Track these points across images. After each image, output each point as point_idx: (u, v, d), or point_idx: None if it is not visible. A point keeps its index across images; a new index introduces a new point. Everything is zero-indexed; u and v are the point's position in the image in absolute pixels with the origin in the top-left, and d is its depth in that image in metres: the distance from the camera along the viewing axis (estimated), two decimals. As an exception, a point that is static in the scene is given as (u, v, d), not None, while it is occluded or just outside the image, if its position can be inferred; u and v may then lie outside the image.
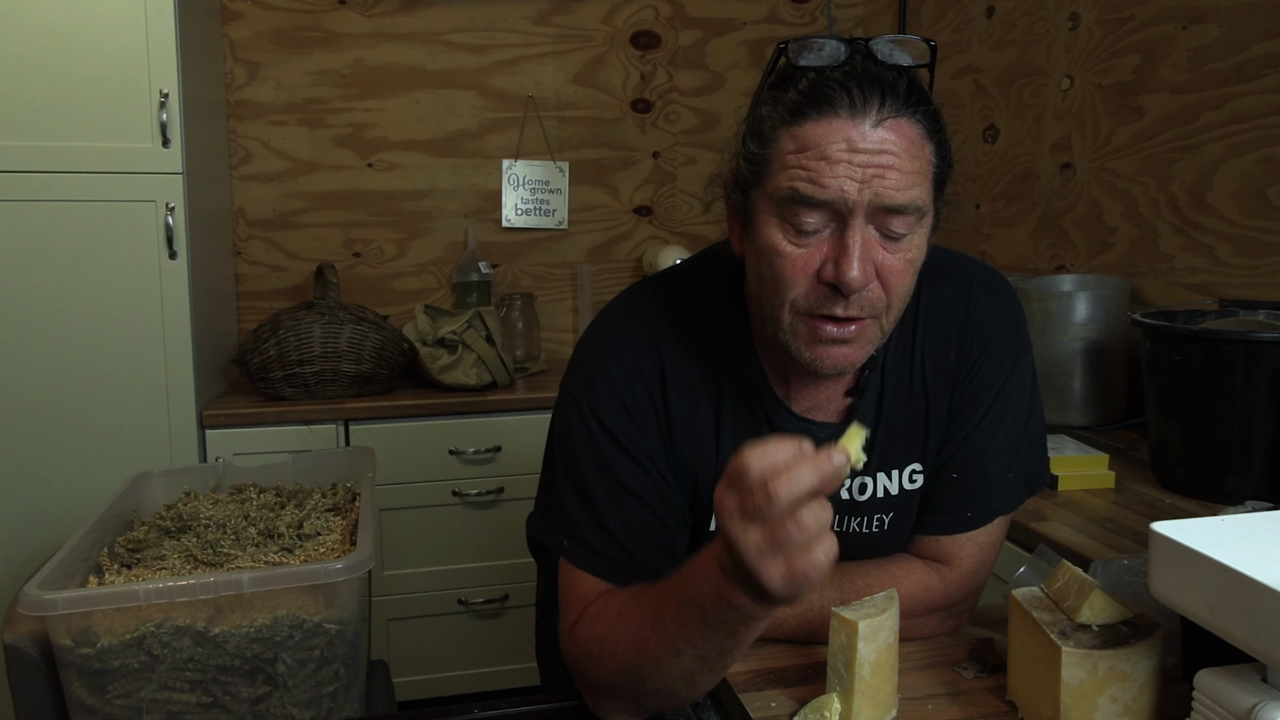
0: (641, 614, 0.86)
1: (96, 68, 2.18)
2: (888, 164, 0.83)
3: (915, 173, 0.85)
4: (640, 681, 0.87)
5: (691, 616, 0.80)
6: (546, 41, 2.99)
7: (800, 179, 0.84)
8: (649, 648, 0.84)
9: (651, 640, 0.84)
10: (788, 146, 0.86)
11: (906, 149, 0.84)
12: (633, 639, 0.86)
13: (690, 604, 0.80)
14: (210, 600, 1.23)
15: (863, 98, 0.83)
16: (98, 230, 2.22)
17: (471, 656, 2.58)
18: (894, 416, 1.03)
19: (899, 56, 0.86)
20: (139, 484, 1.62)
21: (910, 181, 0.85)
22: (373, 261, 2.96)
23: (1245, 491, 1.49)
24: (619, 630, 0.88)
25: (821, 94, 0.84)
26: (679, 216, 3.16)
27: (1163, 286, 2.03)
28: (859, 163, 0.83)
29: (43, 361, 2.22)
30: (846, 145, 0.83)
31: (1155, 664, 0.83)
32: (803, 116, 0.85)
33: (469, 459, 2.50)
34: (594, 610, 0.94)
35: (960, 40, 2.72)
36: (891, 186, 0.84)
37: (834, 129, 0.84)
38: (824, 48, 0.86)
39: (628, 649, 0.87)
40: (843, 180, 0.83)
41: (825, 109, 0.84)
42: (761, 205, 0.89)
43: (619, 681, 0.90)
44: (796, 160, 0.85)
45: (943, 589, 1.05)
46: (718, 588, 0.76)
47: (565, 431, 1.01)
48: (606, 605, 0.93)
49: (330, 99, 2.87)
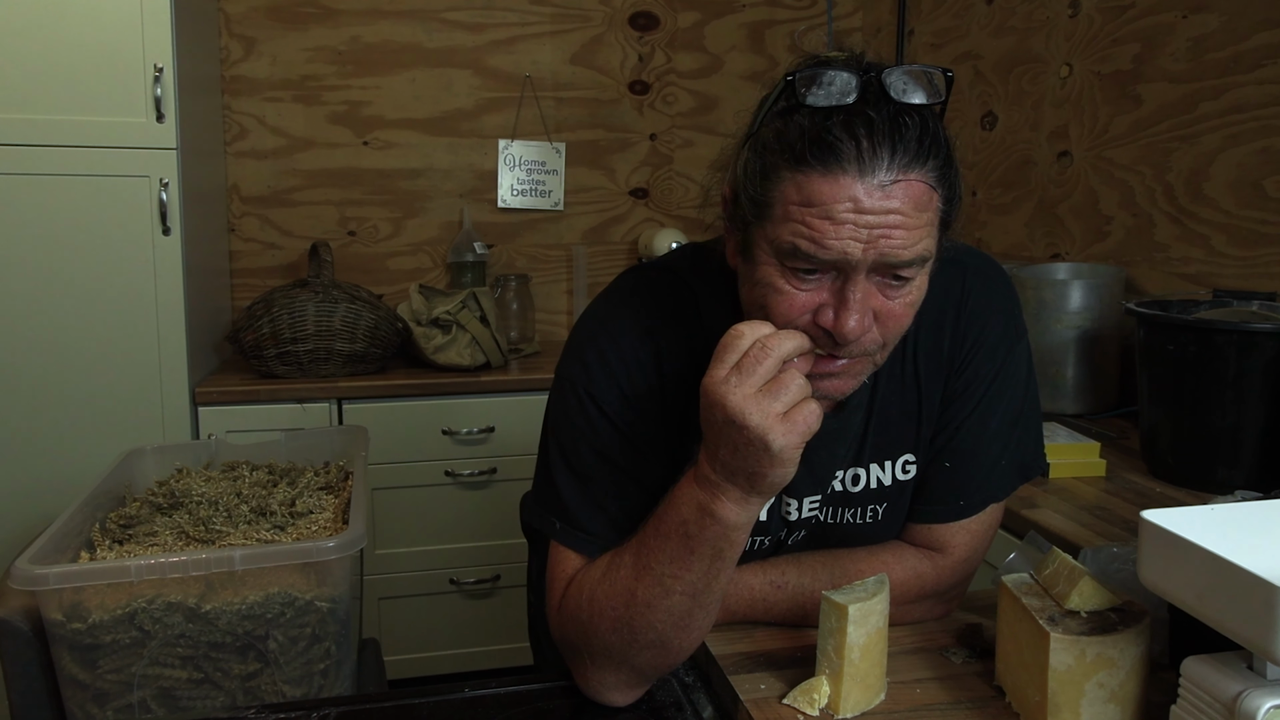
0: (624, 567, 0.89)
1: (91, 41, 2.16)
2: (894, 224, 0.80)
3: (922, 227, 0.82)
4: (632, 637, 0.89)
5: (675, 547, 0.85)
6: (544, 21, 2.98)
7: (803, 235, 0.81)
8: (637, 595, 0.87)
9: (639, 588, 0.87)
10: (791, 195, 0.82)
11: (915, 205, 0.81)
12: (620, 592, 0.88)
13: (673, 535, 0.84)
14: (202, 577, 1.23)
15: (872, 152, 0.79)
16: (91, 205, 2.21)
17: (463, 636, 2.59)
18: (887, 407, 1.03)
19: (912, 93, 0.81)
20: (131, 460, 1.62)
21: (917, 238, 0.82)
22: (367, 240, 2.95)
23: (1235, 481, 1.50)
24: (605, 589, 0.90)
25: (828, 144, 0.80)
26: (675, 199, 3.16)
27: (1158, 276, 2.04)
28: (864, 224, 0.80)
29: (35, 337, 2.21)
30: (853, 205, 0.79)
31: (1142, 651, 0.84)
32: (807, 165, 0.81)
33: (462, 439, 2.51)
34: (578, 580, 0.95)
35: (960, 26, 2.70)
36: (898, 246, 0.81)
37: (840, 187, 0.80)
38: (834, 82, 0.81)
39: (616, 604, 0.89)
40: (847, 242, 0.80)
41: (831, 162, 0.80)
42: (761, 243, 0.86)
43: (611, 643, 0.90)
44: (800, 215, 0.81)
45: (934, 576, 1.06)
46: (699, 505, 0.83)
47: (562, 416, 1.00)
48: (589, 571, 0.94)
49: (326, 76, 2.86)
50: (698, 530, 0.83)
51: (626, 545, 0.91)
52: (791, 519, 1.05)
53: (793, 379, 0.79)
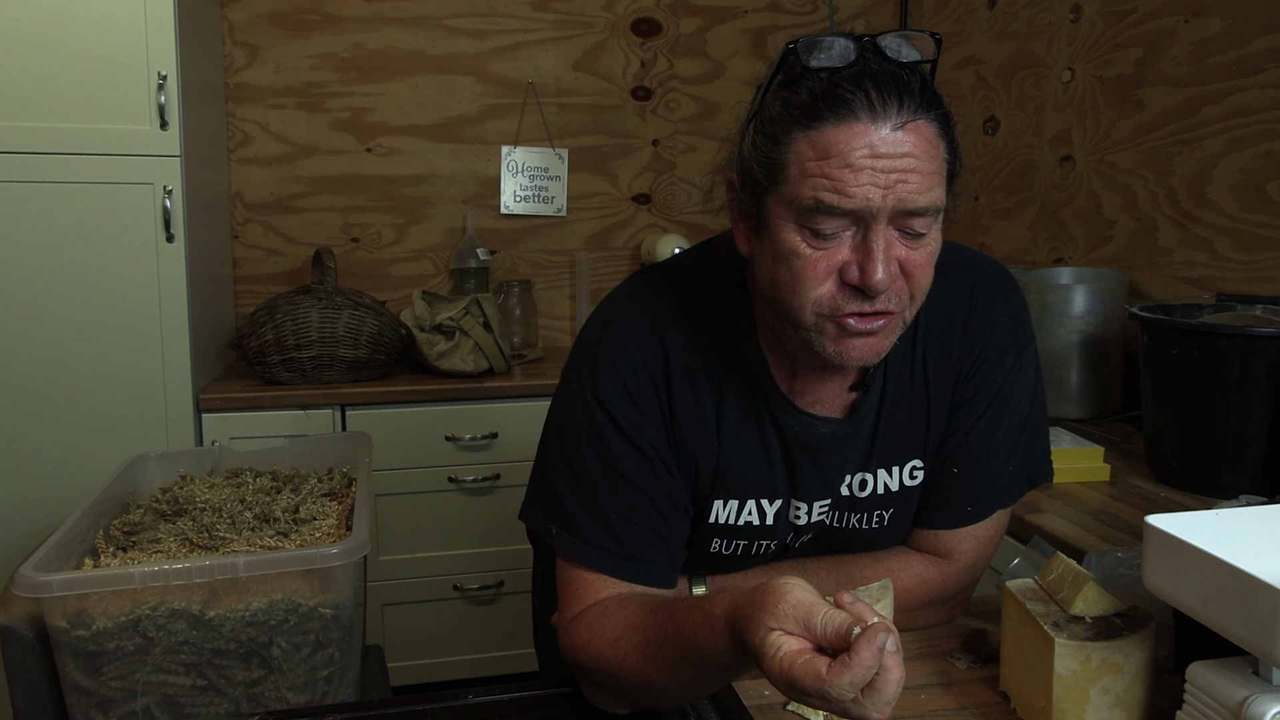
0: (642, 652, 0.86)
1: (95, 49, 2.17)
2: (909, 167, 0.82)
3: (934, 173, 0.85)
4: (641, 697, 0.90)
5: (696, 665, 0.81)
6: (547, 27, 2.98)
7: (824, 188, 0.83)
8: (651, 679, 0.86)
9: (655, 675, 0.85)
10: (806, 153, 0.84)
11: (926, 150, 0.84)
12: (633, 670, 0.87)
13: (695, 658, 0.81)
14: (206, 584, 1.23)
15: (881, 99, 0.82)
16: (95, 213, 2.21)
17: (466, 642, 2.58)
18: (895, 413, 1.03)
19: (907, 53, 0.85)
20: (135, 467, 1.62)
21: (931, 183, 0.84)
22: (371, 247, 2.95)
23: (1240, 485, 1.49)
24: (619, 654, 0.88)
25: (838, 96, 0.82)
26: (678, 205, 3.16)
27: (1161, 280, 2.03)
28: (882, 168, 0.82)
29: (39, 344, 2.21)
30: (869, 151, 0.82)
31: (1148, 656, 0.84)
32: (820, 120, 0.83)
33: (465, 445, 2.51)
34: (589, 619, 0.94)
35: (962, 31, 2.71)
36: (914, 190, 0.83)
37: (855, 134, 0.82)
38: (833, 46, 0.84)
39: (629, 675, 0.87)
40: (867, 188, 0.82)
41: (844, 112, 0.82)
42: (777, 210, 0.87)
43: (618, 691, 0.92)
44: (818, 168, 0.83)
45: (940, 582, 1.05)
46: (730, 655, 0.77)
47: (567, 419, 1.00)
48: (603, 622, 0.92)
49: (329, 83, 2.86)
50: (723, 664, 0.79)
51: (646, 627, 0.87)
52: (800, 524, 1.05)
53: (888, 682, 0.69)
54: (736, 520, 1.03)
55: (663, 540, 0.98)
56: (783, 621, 0.71)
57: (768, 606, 0.72)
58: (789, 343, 0.95)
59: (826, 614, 0.70)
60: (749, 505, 1.02)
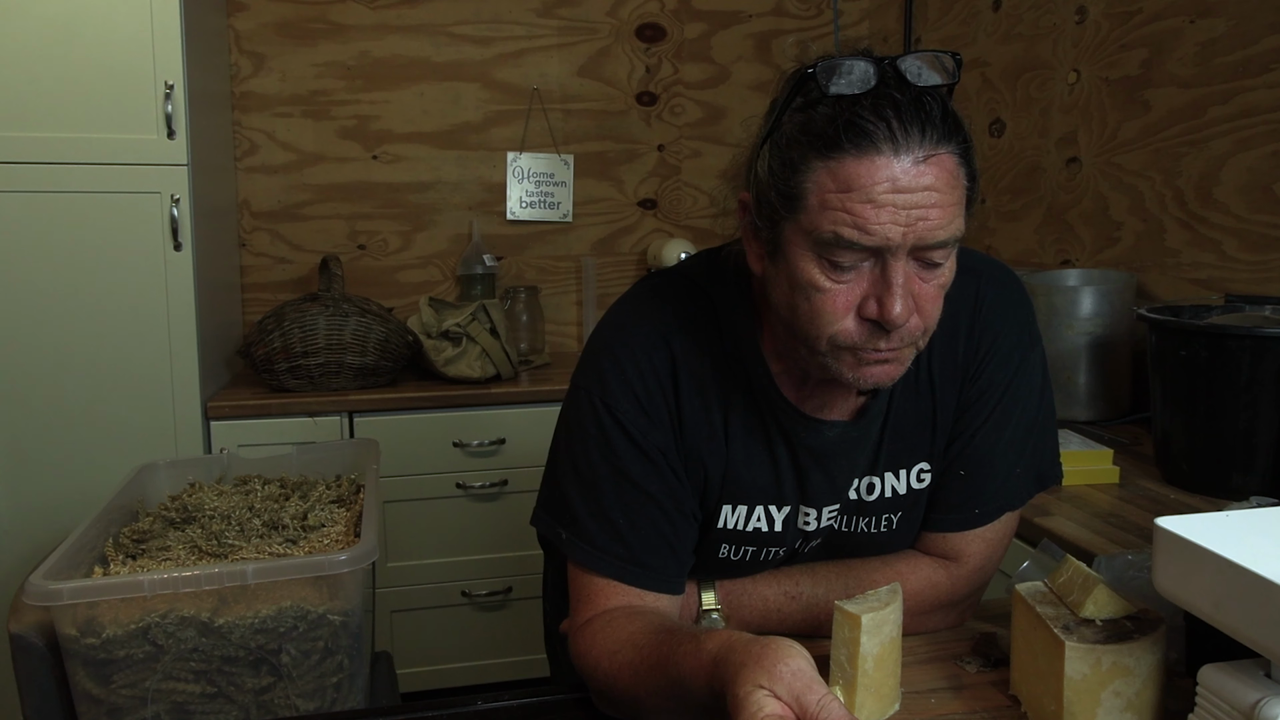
0: (634, 669, 0.87)
1: (102, 59, 2.18)
2: (931, 202, 0.81)
3: (954, 205, 0.83)
4: (630, 712, 0.91)
5: (676, 694, 0.83)
6: (551, 34, 2.99)
7: (845, 223, 0.81)
8: (639, 698, 0.87)
9: (642, 695, 0.87)
10: (826, 184, 0.82)
11: (947, 183, 0.82)
12: (624, 686, 0.88)
13: (676, 686, 0.82)
14: (215, 591, 1.23)
15: (904, 129, 0.80)
16: (103, 222, 2.22)
17: (475, 648, 2.58)
18: (902, 416, 1.03)
19: (928, 77, 0.83)
20: (144, 475, 1.62)
21: (951, 215, 0.83)
22: (377, 254, 2.96)
23: (1250, 487, 1.49)
24: (614, 667, 0.90)
25: (859, 127, 0.80)
26: (684, 210, 3.16)
27: (1169, 281, 2.03)
28: (903, 204, 0.80)
29: (48, 353, 2.22)
30: (891, 185, 0.80)
31: (1159, 659, 0.83)
32: (840, 151, 0.81)
33: (473, 451, 2.51)
34: (595, 627, 0.95)
35: (967, 33, 2.71)
36: (935, 226, 0.82)
37: (877, 167, 0.80)
38: (853, 71, 0.82)
39: (621, 689, 0.89)
40: (888, 226, 0.81)
41: (865, 144, 0.80)
42: (795, 238, 0.86)
43: (614, 703, 0.92)
44: (839, 201, 0.81)
45: (949, 585, 1.05)
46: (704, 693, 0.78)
47: (576, 425, 1.00)
48: (607, 632, 0.93)
49: (335, 91, 2.87)
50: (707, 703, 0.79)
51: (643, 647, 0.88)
52: (809, 529, 1.04)
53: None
54: (745, 526, 1.03)
55: (670, 546, 0.98)
56: (775, 683, 0.70)
57: (765, 664, 0.72)
58: (802, 360, 0.95)
59: (826, 698, 0.69)
60: (757, 511, 1.02)
